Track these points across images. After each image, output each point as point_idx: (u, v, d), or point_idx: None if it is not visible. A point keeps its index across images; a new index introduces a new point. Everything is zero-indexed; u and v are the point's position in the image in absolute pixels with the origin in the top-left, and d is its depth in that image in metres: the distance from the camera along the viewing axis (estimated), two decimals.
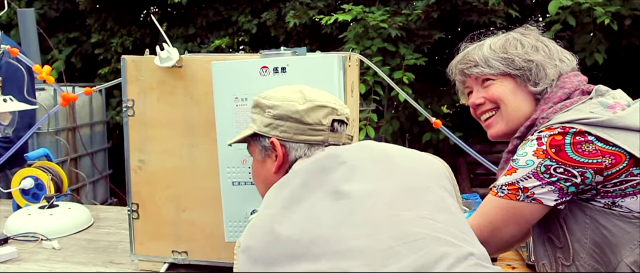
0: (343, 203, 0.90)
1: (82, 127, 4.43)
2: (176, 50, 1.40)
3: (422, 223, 0.87)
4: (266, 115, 1.08)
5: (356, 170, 0.97)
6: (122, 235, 1.84)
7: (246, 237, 0.92)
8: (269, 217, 0.92)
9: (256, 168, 1.14)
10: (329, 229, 0.86)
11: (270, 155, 1.10)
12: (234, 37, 5.40)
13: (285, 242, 0.86)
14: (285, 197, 0.94)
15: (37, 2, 5.71)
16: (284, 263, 0.84)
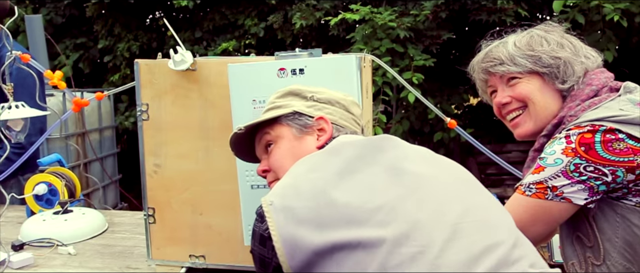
0: (405, 179, 0.89)
1: (91, 132, 4.45)
2: (190, 52, 1.39)
3: (483, 209, 0.89)
4: (308, 99, 1.11)
5: (408, 154, 0.97)
6: (137, 240, 1.83)
7: (282, 196, 0.89)
8: (319, 180, 0.89)
9: (289, 147, 1.09)
10: (394, 200, 0.85)
11: (311, 132, 1.09)
12: (241, 39, 5.41)
13: (343, 207, 0.83)
14: (339, 165, 0.92)
15: (44, 8, 5.74)
16: (340, 227, 0.81)
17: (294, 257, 0.83)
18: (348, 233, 0.80)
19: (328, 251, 0.80)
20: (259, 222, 0.90)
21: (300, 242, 0.82)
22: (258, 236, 0.89)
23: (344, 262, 0.79)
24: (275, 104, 1.14)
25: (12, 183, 2.47)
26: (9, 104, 1.71)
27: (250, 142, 1.20)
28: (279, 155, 1.10)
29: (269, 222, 0.86)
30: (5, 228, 2.01)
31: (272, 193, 0.91)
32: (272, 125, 1.12)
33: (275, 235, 0.84)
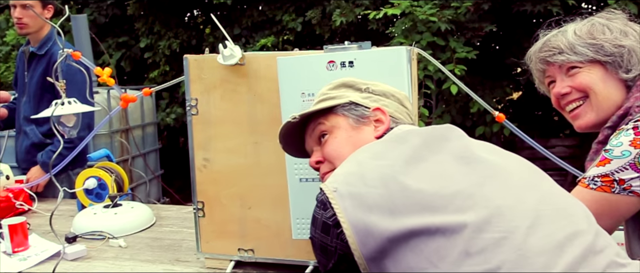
0: (477, 166, 0.87)
1: (134, 129, 4.54)
2: (238, 47, 1.39)
3: (559, 197, 0.87)
4: (363, 91, 1.10)
5: (473, 144, 0.95)
6: (185, 233, 1.86)
7: (346, 183, 0.87)
8: (387, 167, 0.87)
9: (346, 137, 1.07)
10: (470, 186, 0.83)
11: (368, 123, 1.08)
12: (279, 35, 5.43)
13: (416, 193, 0.81)
14: (406, 152, 0.90)
15: (87, 8, 5.88)
16: (415, 213, 0.79)
17: (366, 244, 0.80)
18: (425, 219, 0.78)
19: (403, 237, 0.78)
20: (321, 209, 0.87)
21: (372, 229, 0.80)
22: (320, 223, 0.87)
23: (422, 248, 0.77)
24: (327, 95, 1.12)
25: (63, 177, 2.54)
26: (62, 100, 1.75)
27: (300, 134, 1.18)
28: (336, 145, 1.08)
29: (335, 209, 0.84)
30: (58, 221, 2.07)
31: (333, 181, 0.89)
32: (327, 115, 1.10)
33: (345, 222, 0.82)
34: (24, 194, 2.22)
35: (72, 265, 1.59)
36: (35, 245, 1.77)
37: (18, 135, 2.67)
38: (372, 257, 0.80)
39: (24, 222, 1.75)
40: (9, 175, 2.23)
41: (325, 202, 0.86)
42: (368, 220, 0.81)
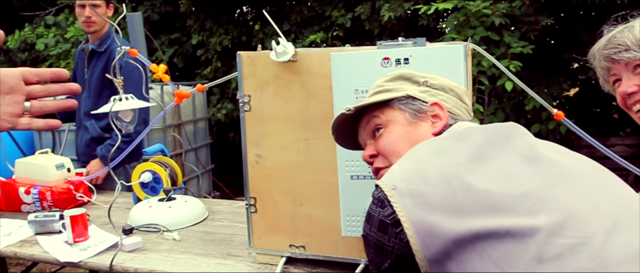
0: (545, 167, 0.83)
1: (187, 124, 4.64)
2: (291, 44, 1.39)
3: (634, 200, 0.81)
4: (421, 84, 1.08)
5: (538, 143, 0.91)
6: (236, 228, 1.88)
7: (405, 180, 0.83)
8: (449, 165, 0.84)
9: (403, 132, 1.04)
10: (540, 188, 0.78)
11: (425, 118, 1.05)
12: (328, 31, 5.42)
13: (483, 193, 0.78)
14: (469, 150, 0.87)
15: (141, 6, 6.05)
16: (482, 215, 0.76)
17: (428, 245, 0.78)
18: (492, 221, 0.74)
19: (469, 240, 0.75)
20: (378, 207, 0.84)
21: (435, 229, 0.77)
22: (377, 221, 0.84)
23: (490, 252, 0.73)
24: (384, 87, 1.10)
25: (120, 171, 2.63)
26: (120, 96, 1.80)
27: (353, 126, 1.17)
28: (391, 140, 1.05)
29: (395, 207, 0.81)
30: (115, 213, 2.14)
31: (391, 178, 0.86)
32: (382, 108, 1.08)
33: (406, 222, 0.79)
34: (83, 186, 2.30)
35: (128, 257, 1.64)
36: (95, 236, 1.84)
37: (78, 130, 2.77)
38: (435, 259, 0.77)
39: (84, 213, 1.81)
40: (70, 168, 2.32)
41: (383, 200, 0.83)
42: (431, 220, 0.78)
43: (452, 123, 1.04)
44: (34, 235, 1.89)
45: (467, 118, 1.10)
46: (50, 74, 0.82)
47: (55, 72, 0.83)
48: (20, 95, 0.79)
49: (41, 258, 1.74)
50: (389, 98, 1.07)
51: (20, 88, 0.79)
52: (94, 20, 2.59)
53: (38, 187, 2.18)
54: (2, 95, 0.77)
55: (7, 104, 0.77)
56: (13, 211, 2.23)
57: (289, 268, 1.49)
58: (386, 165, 1.05)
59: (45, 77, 0.81)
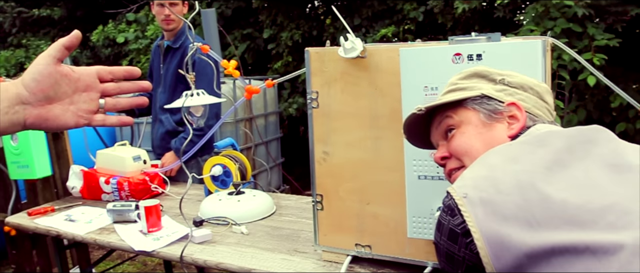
0: (633, 177, 0.76)
1: (258, 118, 4.72)
2: (359, 40, 1.37)
3: None
4: (498, 83, 1.02)
5: (626, 149, 0.83)
6: (303, 224, 1.89)
7: (476, 188, 0.79)
8: (524, 173, 0.79)
9: (476, 134, 0.99)
10: (625, 201, 0.72)
11: (501, 119, 0.99)
12: (399, 25, 5.34)
13: (560, 204, 0.73)
14: (546, 157, 0.81)
15: (215, 2, 6.21)
16: (559, 228, 0.71)
17: (500, 258, 0.73)
18: (571, 235, 0.69)
19: (544, 254, 0.70)
20: (448, 215, 0.81)
21: (508, 242, 0.73)
22: (447, 230, 0.81)
23: (567, 268, 0.68)
24: (458, 85, 1.05)
25: (192, 164, 2.70)
26: (191, 91, 1.85)
27: (425, 125, 1.12)
28: (464, 141, 1.00)
29: (466, 216, 0.77)
30: (187, 205, 2.20)
31: (462, 185, 0.82)
32: (455, 108, 1.03)
33: (476, 232, 0.75)
34: (158, 178, 2.39)
35: (198, 248, 1.68)
36: (167, 226, 1.90)
37: (154, 123, 2.88)
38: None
39: (157, 204, 1.88)
40: (146, 160, 2.41)
41: (454, 208, 0.80)
42: (503, 232, 0.73)
43: (530, 125, 0.97)
44: (112, 224, 1.98)
45: (548, 119, 1.03)
46: (123, 72, 0.84)
47: (128, 70, 0.85)
48: (95, 92, 0.81)
49: (118, 246, 1.82)
50: (462, 97, 1.01)
51: (96, 86, 0.82)
52: (173, 18, 2.67)
53: (117, 177, 2.29)
54: (78, 92, 0.79)
55: (83, 101, 0.80)
56: (94, 199, 2.35)
57: (355, 267, 1.47)
58: (459, 167, 1.01)
59: (118, 75, 0.84)
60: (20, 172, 2.30)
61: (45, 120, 0.76)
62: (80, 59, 6.78)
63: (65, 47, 0.76)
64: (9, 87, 0.73)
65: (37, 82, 0.74)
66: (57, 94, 0.77)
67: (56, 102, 0.77)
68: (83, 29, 7.10)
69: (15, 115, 0.73)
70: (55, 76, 0.76)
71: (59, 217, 2.10)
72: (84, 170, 2.38)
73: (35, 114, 0.75)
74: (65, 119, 0.78)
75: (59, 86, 0.76)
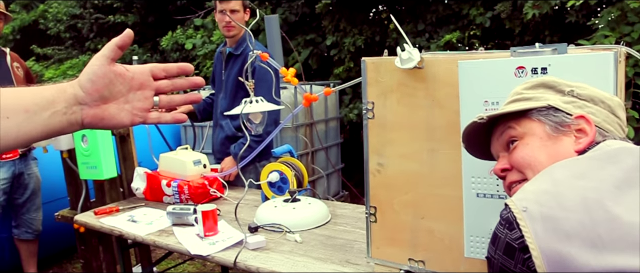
0: None
1: (318, 123, 4.73)
2: (417, 50, 1.33)
3: None
4: (566, 94, 0.96)
5: None
6: (357, 234, 1.86)
7: (538, 202, 0.75)
8: (591, 190, 0.74)
9: (540, 146, 0.94)
10: None
11: (567, 132, 0.93)
12: (465, 30, 5.21)
13: (628, 226, 0.68)
14: (616, 174, 0.76)
15: (280, 8, 6.29)
16: (626, 251, 0.66)
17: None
18: (638, 260, 0.65)
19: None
20: (505, 228, 0.77)
21: (569, 262, 0.68)
22: (503, 244, 0.77)
23: None
24: (523, 95, 1.00)
25: (251, 169, 2.74)
26: (250, 98, 1.87)
27: (486, 135, 1.07)
28: (527, 153, 0.94)
29: (524, 231, 0.73)
30: (243, 210, 2.23)
31: (522, 198, 0.78)
32: (519, 118, 0.98)
33: (534, 249, 0.71)
34: (217, 182, 2.43)
35: (251, 255, 1.69)
36: (223, 231, 1.93)
37: (215, 128, 2.95)
38: None
39: (214, 209, 1.91)
40: (206, 164, 2.47)
41: (512, 221, 0.75)
42: (563, 250, 0.69)
43: (600, 140, 0.91)
44: (171, 226, 2.03)
45: (620, 135, 0.96)
46: (177, 69, 0.85)
47: (181, 67, 0.85)
48: (149, 90, 0.82)
49: (175, 249, 1.87)
50: (527, 108, 0.96)
51: (149, 83, 0.82)
52: (233, 25, 2.72)
53: (177, 180, 2.35)
54: (133, 91, 0.81)
55: (138, 99, 0.81)
56: (156, 201, 2.42)
57: None
58: (520, 180, 0.96)
59: (172, 71, 0.84)
60: (89, 172, 2.41)
61: (101, 120, 0.78)
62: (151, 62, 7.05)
63: (118, 47, 0.77)
64: (66, 88, 0.75)
65: (92, 82, 0.76)
66: (112, 93, 0.78)
67: (111, 102, 0.78)
68: (154, 34, 7.40)
69: (72, 116, 0.75)
70: (109, 76, 0.77)
71: (123, 217, 2.18)
72: (148, 172, 2.46)
73: (92, 114, 0.77)
74: (120, 118, 0.79)
75: (113, 86, 0.78)
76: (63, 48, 8.33)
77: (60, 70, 7.60)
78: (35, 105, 0.72)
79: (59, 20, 8.16)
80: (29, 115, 0.71)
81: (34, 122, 0.72)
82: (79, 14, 7.94)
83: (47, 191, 3.52)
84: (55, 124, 0.74)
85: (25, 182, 3.27)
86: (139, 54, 7.18)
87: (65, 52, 8.28)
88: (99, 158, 2.34)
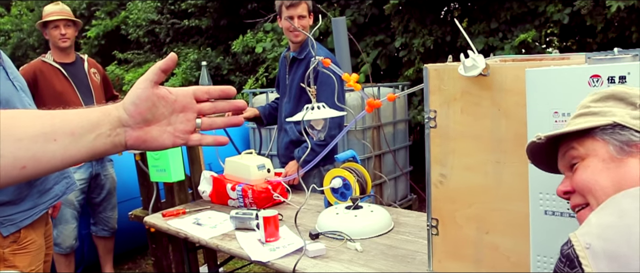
0: None
1: (386, 125, 4.67)
2: (481, 57, 1.27)
3: None
4: (637, 107, 0.87)
5: None
6: (420, 244, 1.80)
7: (602, 238, 0.69)
8: None
9: (602, 169, 0.86)
10: None
11: (635, 153, 0.84)
12: (541, 29, 4.96)
13: None
14: None
15: (348, 9, 6.26)
16: None
17: None
18: None
19: None
20: (566, 266, 0.71)
21: None
22: None
23: None
24: (590, 109, 0.91)
25: (315, 173, 2.73)
26: (312, 105, 1.86)
27: (553, 151, 1.00)
28: (587, 177, 0.87)
29: (586, 271, 0.68)
30: (306, 215, 2.22)
31: (585, 232, 0.72)
32: (581, 137, 0.90)
33: None
34: (281, 187, 2.44)
35: (311, 263, 1.68)
36: (284, 237, 1.93)
37: (279, 132, 2.97)
38: None
39: (276, 215, 1.91)
40: (270, 169, 2.49)
41: (573, 259, 0.69)
42: None
43: None
44: (234, 230, 2.06)
45: None
46: (219, 92, 0.85)
47: (223, 90, 0.85)
48: (192, 113, 0.83)
49: (237, 254, 1.89)
50: (588, 127, 0.88)
51: (192, 106, 0.83)
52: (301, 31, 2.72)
53: (242, 184, 2.38)
54: (175, 113, 0.82)
55: (180, 122, 0.82)
56: (221, 204, 2.47)
57: None
58: (584, 204, 0.89)
59: (214, 94, 0.85)
60: (159, 175, 2.49)
61: (144, 142, 0.79)
62: (223, 65, 7.24)
63: (161, 71, 0.78)
64: (110, 110, 0.77)
65: (136, 105, 0.77)
66: (154, 116, 0.79)
67: (154, 124, 0.79)
68: (226, 38, 7.60)
69: (116, 138, 0.77)
70: (152, 99, 0.78)
71: (188, 220, 2.23)
72: (214, 175, 2.51)
73: (135, 136, 0.78)
74: (162, 140, 0.81)
75: (156, 108, 0.79)
76: (142, 52, 8.73)
77: (138, 73, 7.97)
78: (81, 128, 0.74)
79: (139, 25, 8.55)
80: (75, 138, 0.73)
81: (79, 144, 0.73)
82: (157, 19, 8.28)
83: (123, 191, 3.69)
84: (99, 146, 0.76)
85: (102, 183, 3.44)
86: (212, 56, 7.38)
87: (143, 56, 8.67)
88: (168, 162, 2.42)
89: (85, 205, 3.45)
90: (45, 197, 2.02)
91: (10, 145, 0.68)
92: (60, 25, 3.32)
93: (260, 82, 6.46)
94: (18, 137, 0.69)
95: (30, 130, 0.71)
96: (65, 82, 3.28)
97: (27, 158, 0.70)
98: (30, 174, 0.71)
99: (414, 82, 5.69)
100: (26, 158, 0.70)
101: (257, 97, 4.90)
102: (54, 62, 3.31)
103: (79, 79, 3.36)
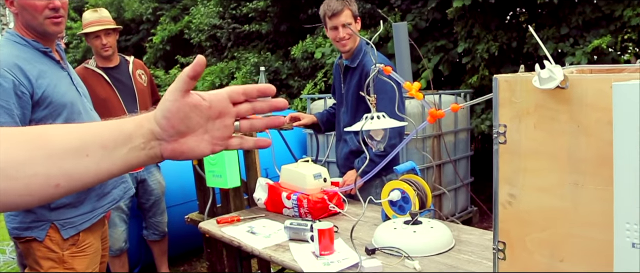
0: None
1: (447, 135, 4.52)
2: (560, 68, 1.15)
3: None
4: None
5: None
6: (484, 266, 1.69)
7: None
8: None
9: None
10: None
11: None
12: (617, 34, 4.66)
13: None
14: None
15: (410, 14, 6.13)
16: None
17: None
18: None
19: None
20: None
21: None
22: None
23: None
24: None
25: (377, 183, 2.65)
26: (372, 114, 1.78)
27: None
28: None
29: None
30: (363, 229, 2.14)
31: None
32: None
33: None
34: (337, 197, 2.38)
35: None
36: (339, 251, 1.86)
37: (339, 142, 2.89)
38: None
39: (331, 228, 1.85)
40: (326, 178, 2.43)
41: None
42: None
43: None
44: (288, 241, 2.01)
45: None
46: (257, 92, 0.79)
47: (261, 89, 0.79)
48: (229, 118, 0.78)
49: (290, 266, 1.84)
50: None
51: (229, 110, 0.78)
52: (347, 40, 2.63)
53: (297, 194, 2.33)
54: (212, 121, 0.76)
55: (217, 129, 0.77)
56: (276, 213, 2.43)
57: None
58: None
59: (252, 94, 0.79)
60: (215, 180, 2.48)
61: (182, 154, 0.75)
62: (282, 70, 7.27)
63: (190, 78, 0.73)
64: (143, 123, 0.73)
65: (167, 119, 0.73)
66: (189, 127, 0.74)
67: (190, 135, 0.75)
68: (286, 43, 7.63)
69: (152, 151, 0.73)
70: (184, 110, 0.73)
71: (243, 228, 2.20)
72: (270, 183, 2.48)
73: (171, 149, 0.74)
74: (201, 150, 0.76)
75: (189, 120, 0.74)
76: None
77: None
78: (113, 142, 0.70)
79: (201, 30, 8.74)
80: (108, 151, 0.69)
81: (112, 158, 0.70)
82: (219, 24, 8.43)
83: (181, 193, 3.74)
84: (133, 159, 0.72)
85: (150, 189, 3.47)
86: (272, 61, 7.43)
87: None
88: (224, 168, 2.41)
89: (136, 210, 3.51)
90: (103, 201, 2.05)
91: (42, 163, 0.65)
92: (101, 35, 3.30)
93: (319, 88, 6.43)
94: (49, 154, 0.66)
95: (61, 145, 0.67)
96: (108, 88, 3.29)
97: (59, 176, 0.66)
98: (64, 192, 0.68)
99: (477, 89, 5.49)
100: (59, 176, 0.66)
101: (316, 103, 4.86)
102: (96, 68, 3.32)
103: (122, 84, 3.36)
